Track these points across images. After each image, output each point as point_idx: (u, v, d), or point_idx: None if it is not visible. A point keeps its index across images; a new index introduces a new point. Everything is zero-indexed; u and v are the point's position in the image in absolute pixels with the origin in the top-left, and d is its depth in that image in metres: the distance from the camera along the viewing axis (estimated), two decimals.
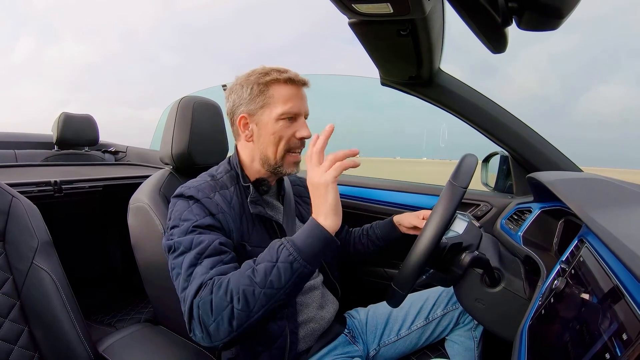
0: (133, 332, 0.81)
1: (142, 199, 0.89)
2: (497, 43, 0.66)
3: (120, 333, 0.79)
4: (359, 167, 0.63)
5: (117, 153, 2.15)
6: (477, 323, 0.89)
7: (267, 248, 0.62)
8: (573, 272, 0.54)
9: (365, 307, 0.98)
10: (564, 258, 0.61)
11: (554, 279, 0.57)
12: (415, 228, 0.92)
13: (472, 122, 1.05)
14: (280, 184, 0.88)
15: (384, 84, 1.09)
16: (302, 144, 0.79)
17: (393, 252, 0.98)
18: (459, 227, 0.70)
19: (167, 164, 1.00)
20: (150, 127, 2.31)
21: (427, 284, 1.03)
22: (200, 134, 0.96)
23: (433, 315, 0.91)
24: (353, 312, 0.97)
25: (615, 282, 0.41)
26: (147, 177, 0.99)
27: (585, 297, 0.46)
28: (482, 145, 1.14)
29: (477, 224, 0.72)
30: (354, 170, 0.65)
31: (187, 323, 0.61)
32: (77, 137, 1.91)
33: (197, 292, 0.60)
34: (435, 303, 0.92)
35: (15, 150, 1.78)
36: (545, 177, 0.77)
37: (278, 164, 0.77)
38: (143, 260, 0.91)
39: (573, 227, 0.77)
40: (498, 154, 1.20)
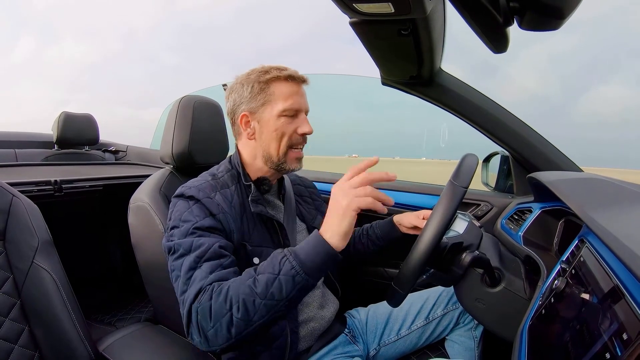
0: (133, 331, 0.81)
1: (142, 199, 0.89)
2: (498, 43, 0.66)
3: (121, 332, 0.79)
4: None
5: (117, 152, 2.15)
6: (477, 323, 0.89)
7: (269, 258, 0.61)
8: (573, 272, 0.54)
9: (366, 306, 0.98)
10: (565, 258, 0.61)
11: (554, 279, 0.57)
12: (416, 228, 0.92)
13: (472, 122, 1.05)
14: (281, 183, 0.88)
15: (385, 84, 1.09)
16: (303, 140, 0.79)
17: (393, 251, 0.98)
18: (460, 226, 0.70)
19: (167, 164, 1.00)
20: (151, 126, 2.31)
21: (427, 284, 1.03)
22: (201, 134, 0.96)
23: (433, 315, 0.91)
24: (353, 311, 0.97)
25: (616, 282, 0.41)
26: (147, 176, 0.99)
27: (586, 297, 0.46)
28: (482, 145, 1.14)
29: (477, 224, 0.72)
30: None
31: (185, 326, 0.61)
32: (77, 136, 1.91)
33: (196, 296, 0.60)
34: (436, 303, 0.92)
35: (16, 150, 1.78)
36: (546, 177, 0.77)
37: (281, 160, 0.77)
38: (143, 260, 0.91)
39: (573, 227, 0.77)
40: (498, 154, 1.20)
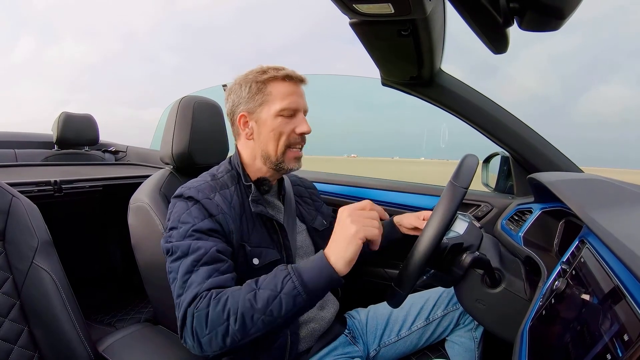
0: (133, 332, 0.80)
1: (142, 199, 0.89)
2: (498, 43, 0.66)
3: (120, 333, 0.79)
4: (356, 166, 0.63)
5: (117, 153, 2.15)
6: (477, 324, 0.89)
7: (272, 273, 0.61)
8: (574, 272, 0.54)
9: (366, 307, 0.98)
10: (565, 259, 0.61)
11: (555, 280, 0.57)
12: (416, 229, 0.92)
13: (472, 122, 1.05)
14: (281, 184, 0.88)
15: (385, 84, 1.09)
16: (302, 140, 0.79)
17: (393, 252, 0.98)
18: (460, 227, 0.70)
19: (167, 164, 1.00)
20: (151, 127, 2.31)
21: (427, 285, 1.03)
22: (201, 134, 0.96)
23: (433, 316, 0.90)
24: (353, 312, 0.97)
25: (616, 282, 0.41)
26: (147, 176, 0.99)
27: (586, 297, 0.46)
28: (482, 146, 1.14)
29: (477, 225, 0.72)
30: (352, 170, 0.64)
31: (179, 329, 0.62)
32: (77, 136, 1.91)
33: (192, 301, 0.60)
34: (436, 303, 0.91)
35: (16, 150, 1.78)
36: (546, 177, 0.77)
37: (279, 160, 0.77)
38: (143, 260, 0.91)
39: (574, 227, 0.77)
40: (499, 155, 1.20)
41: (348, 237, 0.58)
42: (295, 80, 0.77)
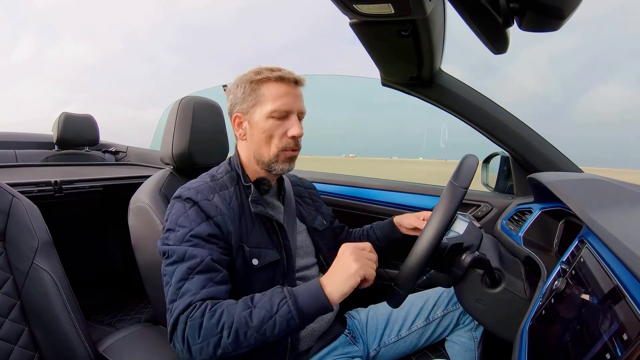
0: (133, 332, 0.81)
1: (142, 199, 0.89)
2: (498, 44, 0.66)
3: (121, 333, 0.79)
4: (354, 165, 0.63)
5: (117, 153, 2.15)
6: (477, 323, 0.89)
7: (269, 293, 0.62)
8: (573, 272, 0.54)
9: (366, 307, 0.98)
10: (565, 259, 0.61)
11: (555, 280, 0.57)
12: (416, 229, 0.92)
13: (472, 122, 1.05)
14: (281, 184, 0.88)
15: (385, 85, 1.09)
16: (296, 143, 0.77)
17: (393, 252, 0.98)
18: (460, 227, 0.70)
19: (167, 164, 1.00)
20: (151, 127, 2.31)
21: (427, 285, 1.03)
22: (201, 134, 0.96)
23: (433, 316, 0.90)
24: (353, 312, 0.97)
25: (616, 282, 0.41)
26: (147, 177, 0.99)
27: (586, 297, 0.46)
28: (482, 146, 1.14)
29: (477, 225, 0.72)
30: (352, 170, 0.65)
31: (169, 333, 0.62)
32: (77, 137, 1.91)
33: (185, 309, 0.61)
34: (436, 303, 0.91)
35: (16, 150, 1.78)
36: (546, 177, 0.77)
37: (272, 161, 0.76)
38: (143, 261, 0.91)
39: (573, 227, 0.77)
40: (498, 155, 1.20)
41: (348, 273, 0.60)
42: (289, 81, 0.75)
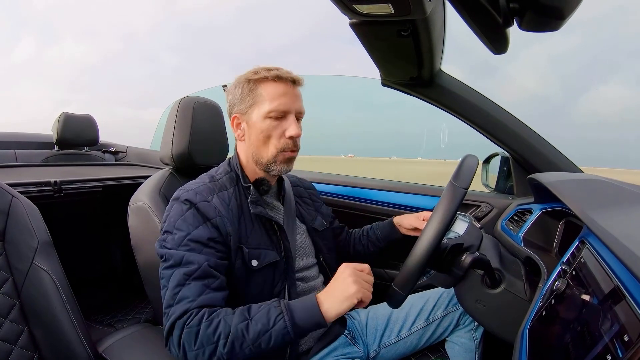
0: (133, 332, 0.80)
1: (142, 199, 0.89)
2: (498, 44, 0.66)
3: (120, 333, 0.79)
4: (353, 165, 0.64)
5: (117, 153, 2.15)
6: (477, 324, 0.89)
7: (266, 307, 0.63)
8: (574, 273, 0.54)
9: (366, 308, 0.97)
10: (565, 259, 0.61)
11: (555, 280, 0.57)
12: (416, 229, 0.92)
13: (472, 122, 1.05)
14: (281, 184, 0.88)
15: (385, 85, 1.09)
16: (294, 143, 0.76)
17: (393, 253, 0.98)
18: (460, 228, 0.70)
19: (167, 165, 1.00)
20: (151, 127, 2.30)
21: (427, 285, 1.03)
22: (201, 134, 0.96)
23: (433, 317, 0.90)
24: (353, 313, 0.96)
25: (616, 283, 0.41)
26: (147, 177, 0.99)
27: (586, 298, 0.46)
28: (482, 146, 1.14)
29: (477, 225, 0.72)
30: (351, 170, 0.65)
31: (164, 338, 0.63)
32: (77, 137, 1.91)
33: (181, 315, 0.61)
34: (436, 304, 0.91)
35: (15, 150, 1.78)
36: (546, 178, 0.77)
37: (270, 162, 0.76)
38: (143, 261, 0.91)
39: (574, 228, 0.77)
40: (499, 155, 1.20)
41: (347, 294, 0.62)
42: (286, 81, 0.74)
